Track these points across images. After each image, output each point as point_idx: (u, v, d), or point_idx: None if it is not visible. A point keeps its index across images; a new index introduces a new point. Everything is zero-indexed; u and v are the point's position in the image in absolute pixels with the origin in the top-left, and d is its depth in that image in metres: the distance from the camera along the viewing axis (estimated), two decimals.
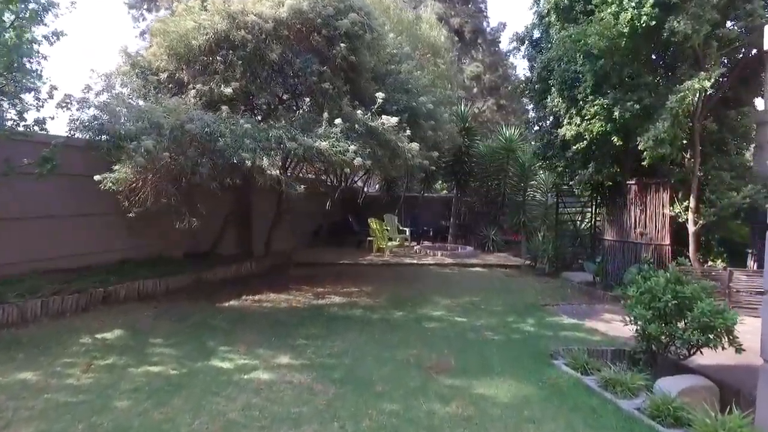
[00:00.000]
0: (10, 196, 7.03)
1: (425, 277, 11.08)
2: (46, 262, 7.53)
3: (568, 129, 9.59)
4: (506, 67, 32.83)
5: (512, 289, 10.20)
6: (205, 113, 6.82)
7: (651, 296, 5.58)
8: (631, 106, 8.41)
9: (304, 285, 9.86)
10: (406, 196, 17.86)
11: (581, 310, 8.67)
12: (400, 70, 10.26)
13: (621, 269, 10.01)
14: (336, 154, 7.18)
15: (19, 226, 7.26)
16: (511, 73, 33.15)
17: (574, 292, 10.06)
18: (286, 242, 14.28)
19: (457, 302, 8.82)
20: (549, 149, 10.75)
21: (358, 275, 11.15)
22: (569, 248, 12.49)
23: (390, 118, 7.68)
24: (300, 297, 8.75)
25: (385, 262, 12.66)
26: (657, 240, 9.29)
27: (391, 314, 7.80)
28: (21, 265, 7.16)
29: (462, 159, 15.78)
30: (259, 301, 8.32)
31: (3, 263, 6.96)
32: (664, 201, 9.17)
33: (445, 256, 13.99)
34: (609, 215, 10.40)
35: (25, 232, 7.32)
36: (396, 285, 10.11)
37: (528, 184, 14.84)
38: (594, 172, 9.79)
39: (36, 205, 7.46)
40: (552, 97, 10.19)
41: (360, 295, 9.10)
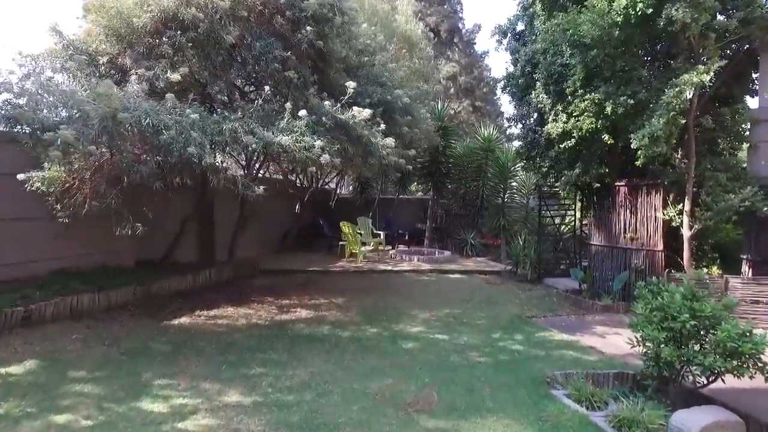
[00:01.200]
0: None
1: (401, 286, 10.16)
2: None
3: (554, 126, 8.82)
4: (482, 69, 32.33)
5: (494, 298, 9.35)
6: (146, 101, 5.75)
7: (663, 315, 4.77)
8: (624, 101, 7.67)
9: (268, 296, 8.83)
10: (380, 198, 16.94)
11: (571, 323, 7.88)
12: (374, 62, 9.32)
13: (610, 276, 9.29)
14: (300, 150, 6.20)
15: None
16: (486, 75, 32.75)
17: (560, 302, 9.28)
18: (251, 248, 13.18)
19: (436, 315, 7.92)
20: (533, 148, 9.96)
21: (328, 284, 10.16)
22: (551, 253, 11.74)
23: (362, 110, 6.74)
24: (262, 311, 7.72)
25: (357, 269, 11.70)
26: (649, 245, 8.57)
27: (363, 331, 6.84)
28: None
29: (439, 159, 14.94)
30: (214, 317, 7.26)
31: None
32: (656, 204, 8.46)
33: (421, 261, 13.10)
34: (596, 219, 9.66)
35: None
36: (369, 295, 9.16)
37: (508, 186, 14.08)
38: (581, 172, 9.04)
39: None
40: (537, 92, 9.41)
41: (329, 308, 8.12)
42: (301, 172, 11.48)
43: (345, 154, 6.94)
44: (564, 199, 11.93)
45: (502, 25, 10.94)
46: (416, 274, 11.51)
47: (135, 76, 6.15)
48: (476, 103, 30.91)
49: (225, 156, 6.16)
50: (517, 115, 10.60)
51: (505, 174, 13.86)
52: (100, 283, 7.39)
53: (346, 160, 7.14)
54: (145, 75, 6.14)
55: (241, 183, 6.32)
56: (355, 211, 15.43)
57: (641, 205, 8.73)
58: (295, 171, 11.67)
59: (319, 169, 8.11)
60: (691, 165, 8.04)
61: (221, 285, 9.56)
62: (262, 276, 10.82)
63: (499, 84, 11.20)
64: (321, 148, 6.28)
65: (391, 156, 7.34)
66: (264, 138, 6.19)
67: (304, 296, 8.91)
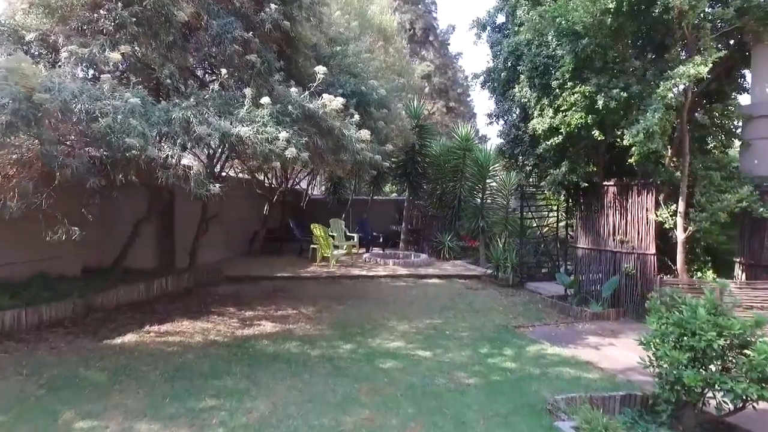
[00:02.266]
0: None
1: (377, 293, 9.34)
2: None
3: (539, 122, 8.15)
4: (455, 71, 31.92)
5: (477, 306, 8.63)
6: (74, 82, 4.79)
7: (681, 331, 4.08)
8: (617, 94, 7.04)
9: (231, 306, 7.90)
10: (353, 199, 16.13)
11: (562, 334, 7.20)
12: (348, 51, 8.48)
13: (598, 281, 8.67)
14: (262, 142, 5.33)
15: None
16: (460, 77, 32.32)
17: (547, 309, 8.62)
18: (216, 252, 12.18)
19: (416, 327, 7.14)
20: (516, 146, 9.28)
21: (298, 292, 9.27)
22: (533, 256, 11.11)
23: (333, 98, 5.91)
24: (222, 325, 6.79)
25: (330, 275, 10.83)
26: (640, 248, 7.98)
27: (335, 349, 5.99)
28: None
29: (415, 159, 14.21)
30: (165, 333, 6.30)
31: None
32: (648, 205, 7.88)
33: (397, 265, 12.31)
34: (583, 220, 9.04)
35: None
36: (342, 304, 8.31)
37: (487, 186, 13.41)
38: (567, 171, 8.41)
39: None
40: (520, 86, 8.74)
41: (298, 320, 7.25)
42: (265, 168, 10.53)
43: (314, 149, 6.10)
44: (546, 199, 11.32)
45: (482, 17, 10.25)
46: (392, 280, 10.71)
47: (66, 53, 5.15)
48: (450, 104, 30.42)
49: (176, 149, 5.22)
50: (499, 111, 9.92)
51: (484, 174, 13.20)
52: (32, 297, 6.35)
53: (315, 155, 6.29)
54: (78, 53, 5.15)
55: (194, 180, 5.41)
56: (328, 213, 14.57)
57: (631, 205, 8.13)
58: (261, 169, 10.76)
59: (285, 164, 7.24)
60: (685, 163, 7.48)
61: (179, 294, 8.57)
62: (227, 283, 9.86)
63: (477, 80, 10.50)
64: (286, 141, 5.43)
65: (365, 151, 6.53)
66: (220, 128, 5.31)
67: (271, 306, 8.01)
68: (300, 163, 6.12)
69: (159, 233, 10.56)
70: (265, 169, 11.38)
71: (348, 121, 6.22)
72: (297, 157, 5.51)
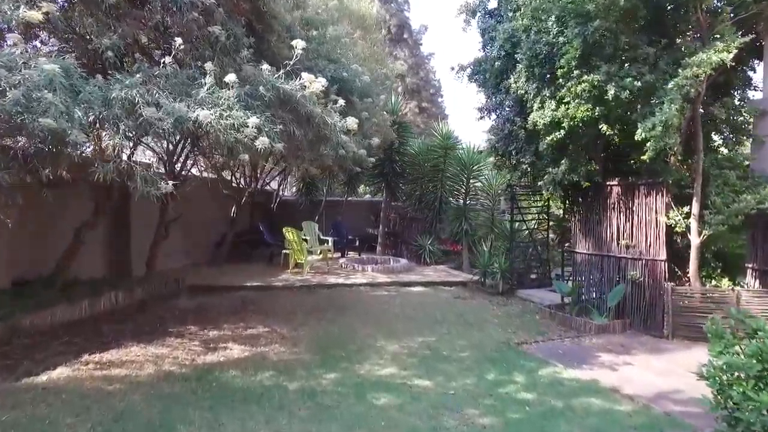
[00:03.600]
0: None
1: (358, 304, 8.28)
2: None
3: (540, 116, 7.27)
4: (428, 71, 31.12)
5: (469, 318, 7.68)
6: None
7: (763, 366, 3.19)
8: (630, 83, 6.20)
9: (193, 324, 6.71)
10: (327, 201, 14.99)
11: (570, 351, 6.32)
12: (325, 35, 7.40)
13: (599, 289, 7.86)
14: (227, 130, 4.22)
15: None
16: (432, 78, 31.57)
17: (545, 320, 7.74)
18: (178, 259, 10.88)
19: (408, 346, 6.13)
20: (510, 142, 8.38)
21: (270, 305, 8.11)
22: (523, 261, 10.26)
23: (314, 78, 4.83)
24: (180, 351, 5.61)
25: (304, 283, 9.70)
26: (648, 254, 7.18)
27: (318, 379, 4.92)
28: None
29: (393, 158, 13.20)
30: (108, 365, 5.08)
31: None
32: (657, 206, 7.09)
33: (377, 271, 11.27)
34: (582, 223, 8.21)
35: None
36: (321, 319, 7.22)
37: (471, 187, 12.49)
38: (567, 169, 7.55)
39: None
40: (516, 76, 7.84)
41: (271, 341, 6.13)
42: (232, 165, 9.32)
43: (290, 139, 5.01)
44: (537, 201, 10.49)
45: (471, 2, 9.32)
46: (373, 289, 9.66)
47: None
48: (423, 105, 29.57)
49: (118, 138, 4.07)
50: (491, 104, 9.00)
51: (468, 174, 12.28)
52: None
53: (291, 146, 5.20)
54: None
55: (140, 176, 4.25)
56: (300, 215, 13.40)
57: (638, 207, 7.34)
58: (228, 166, 9.55)
59: (256, 158, 6.10)
60: (699, 161, 6.72)
61: (132, 310, 7.31)
62: (189, 295, 8.60)
63: (464, 72, 9.56)
64: (257, 128, 4.33)
65: (350, 144, 5.48)
66: (174, 112, 4.17)
67: (239, 324, 6.85)
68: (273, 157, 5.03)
69: (112, 239, 9.25)
70: (232, 166, 10.15)
71: (331, 107, 5.15)
72: (270, 148, 4.42)
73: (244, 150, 4.40)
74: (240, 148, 4.37)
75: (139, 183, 4.26)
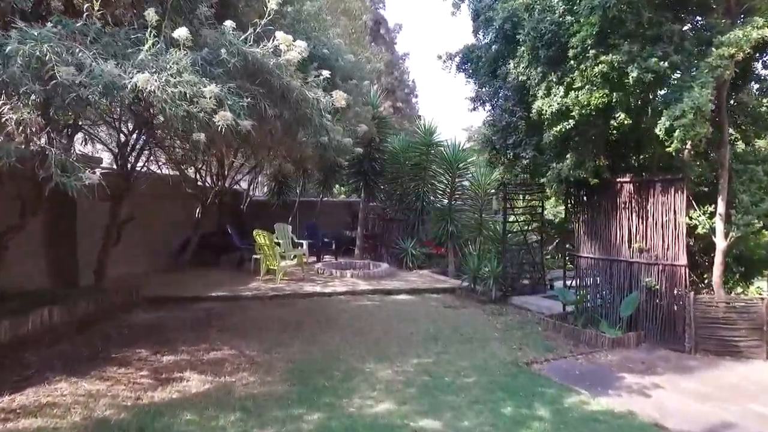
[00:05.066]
0: None
1: (340, 318, 7.18)
2: None
3: (547, 103, 6.35)
4: (402, 71, 30.25)
5: (466, 332, 6.70)
6: None
7: None
8: (655, 65, 5.32)
9: (144, 347, 5.49)
10: (300, 202, 13.81)
11: (589, 372, 5.40)
12: (302, 11, 6.28)
13: (607, 297, 6.99)
14: (176, 100, 3.09)
15: None
16: (406, 78, 30.74)
17: (549, 333, 6.82)
18: (135, 265, 9.55)
19: (403, 372, 5.08)
20: (509, 135, 7.42)
21: (239, 319, 6.94)
22: (517, 266, 9.35)
23: (291, 40, 3.75)
24: (122, 386, 4.40)
25: (277, 293, 8.52)
26: (665, 258, 6.33)
27: (297, 423, 3.82)
28: None
29: (372, 155, 12.12)
30: (19, 412, 3.84)
31: None
32: (676, 205, 6.24)
33: (356, 277, 10.20)
34: (587, 224, 7.32)
35: None
36: (298, 337, 6.10)
37: (456, 186, 11.51)
38: (574, 164, 6.65)
39: None
40: (517, 61, 6.90)
41: (239, 367, 4.98)
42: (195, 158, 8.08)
43: (262, 120, 3.90)
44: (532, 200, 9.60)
45: None
46: (354, 298, 8.58)
47: None
48: (397, 104, 28.64)
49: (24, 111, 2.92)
50: (485, 94, 8.03)
51: (454, 171, 11.31)
52: None
53: (263, 130, 4.09)
54: None
55: (54, 161, 3.07)
56: (272, 217, 12.19)
57: (653, 206, 6.49)
58: (187, 161, 8.31)
59: (218, 144, 4.95)
60: (725, 154, 5.91)
61: (70, 330, 5.98)
62: (145, 308, 7.33)
63: (452, 61, 8.60)
64: (217, 100, 3.22)
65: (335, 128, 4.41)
66: (104, 75, 3.01)
67: (201, 344, 5.67)
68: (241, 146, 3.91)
69: (54, 244, 7.89)
70: (195, 161, 8.91)
71: (312, 80, 4.06)
72: (234, 126, 3.30)
73: (199, 128, 3.27)
74: (194, 126, 3.24)
75: (54, 171, 3.08)
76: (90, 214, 7.89)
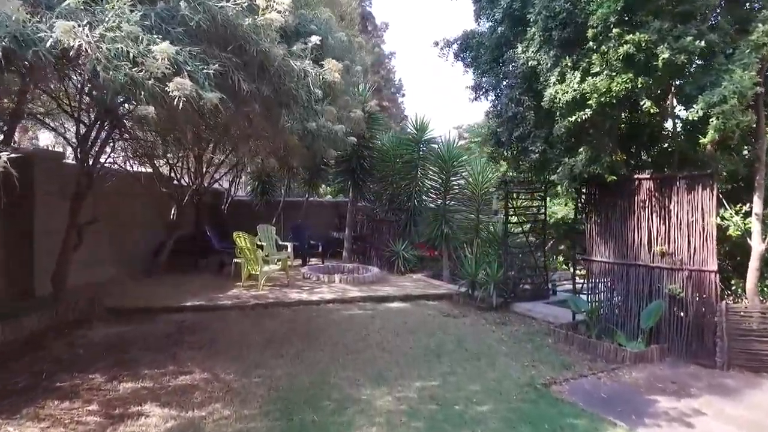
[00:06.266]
0: None
1: (329, 330, 6.34)
2: None
3: (560, 90, 5.59)
4: (388, 70, 29.50)
5: (471, 346, 5.92)
6: None
7: None
8: (691, 43, 4.60)
9: (99, 371, 4.60)
10: (286, 202, 12.93)
11: (616, 394, 4.65)
12: None
13: (620, 305, 6.28)
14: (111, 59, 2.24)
15: None
16: (392, 77, 30.02)
17: (561, 345, 6.09)
18: (102, 271, 8.57)
19: (406, 399, 4.27)
20: (516, 127, 6.64)
21: (215, 333, 6.06)
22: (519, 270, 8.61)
23: None
24: (60, 428, 3.51)
25: (259, 302, 7.64)
26: (692, 263, 5.64)
27: None
28: None
29: (361, 153, 11.30)
30: None
31: None
32: (705, 204, 5.54)
33: (345, 282, 9.37)
34: (600, 225, 6.60)
35: None
36: (282, 356, 5.26)
37: (451, 185, 10.73)
38: (588, 160, 5.92)
39: None
40: (526, 44, 6.15)
41: (210, 397, 4.13)
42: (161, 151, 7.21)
43: (235, 96, 3.05)
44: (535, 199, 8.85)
45: None
46: (344, 306, 7.74)
47: None
48: (383, 103, 27.79)
49: None
50: (488, 82, 7.26)
51: (448, 169, 10.53)
52: None
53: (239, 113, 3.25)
54: None
55: None
56: (255, 218, 11.30)
57: (677, 205, 5.79)
58: (153, 152, 7.41)
59: (176, 123, 4.07)
60: (763, 146, 5.22)
61: (13, 351, 5.07)
62: (107, 321, 6.39)
63: (450, 48, 7.84)
64: (172, 64, 2.37)
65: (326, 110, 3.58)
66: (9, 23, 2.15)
67: (168, 366, 4.79)
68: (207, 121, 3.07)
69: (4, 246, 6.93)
70: (161, 150, 7.98)
71: (298, 48, 3.23)
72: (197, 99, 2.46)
73: (147, 96, 2.42)
74: (142, 93, 2.39)
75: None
76: (51, 215, 6.97)
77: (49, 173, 7.26)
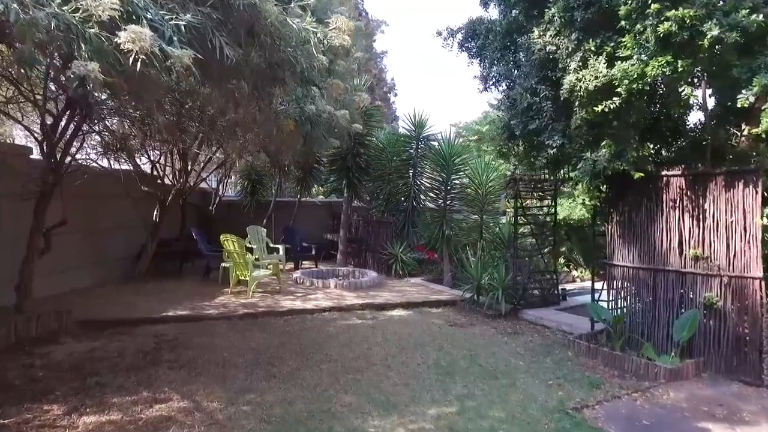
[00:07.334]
0: None
1: (326, 345, 5.65)
2: None
3: (587, 77, 4.96)
4: (381, 70, 28.89)
5: (486, 362, 5.26)
6: None
7: None
8: (746, 18, 3.99)
9: (57, 402, 3.86)
10: (277, 202, 12.21)
11: (659, 420, 4.04)
12: None
13: (647, 314, 5.66)
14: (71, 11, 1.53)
15: None
16: (384, 77, 29.44)
17: (583, 359, 5.47)
18: (76, 278, 7.79)
19: (419, 430, 3.59)
20: (531, 119, 6.00)
21: (198, 350, 5.32)
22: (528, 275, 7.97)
23: None
24: None
25: (249, 311, 6.92)
26: (731, 269, 5.03)
27: None
28: None
29: (356, 151, 10.64)
30: None
31: None
32: (746, 203, 4.94)
33: (341, 288, 8.68)
34: (624, 227, 5.98)
35: None
36: (274, 377, 4.56)
37: (452, 184, 10.06)
38: (612, 155, 5.31)
39: None
40: (545, 27, 5.52)
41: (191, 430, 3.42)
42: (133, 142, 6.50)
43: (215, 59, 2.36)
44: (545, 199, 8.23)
45: None
46: (342, 315, 7.06)
47: None
48: (376, 102, 27.14)
49: None
50: (498, 72, 6.60)
51: (449, 168, 9.86)
52: None
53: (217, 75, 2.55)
54: None
55: None
56: (245, 219, 10.57)
57: (713, 205, 5.18)
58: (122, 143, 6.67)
59: (142, 80, 3.32)
60: None
61: None
62: (76, 335, 5.65)
63: (454, 38, 7.20)
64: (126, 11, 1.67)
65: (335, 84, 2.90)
66: None
67: (141, 392, 4.07)
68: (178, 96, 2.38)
69: None
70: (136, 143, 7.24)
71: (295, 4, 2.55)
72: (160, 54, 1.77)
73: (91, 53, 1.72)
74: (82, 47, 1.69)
75: None
76: (15, 217, 6.19)
77: (13, 171, 6.49)
